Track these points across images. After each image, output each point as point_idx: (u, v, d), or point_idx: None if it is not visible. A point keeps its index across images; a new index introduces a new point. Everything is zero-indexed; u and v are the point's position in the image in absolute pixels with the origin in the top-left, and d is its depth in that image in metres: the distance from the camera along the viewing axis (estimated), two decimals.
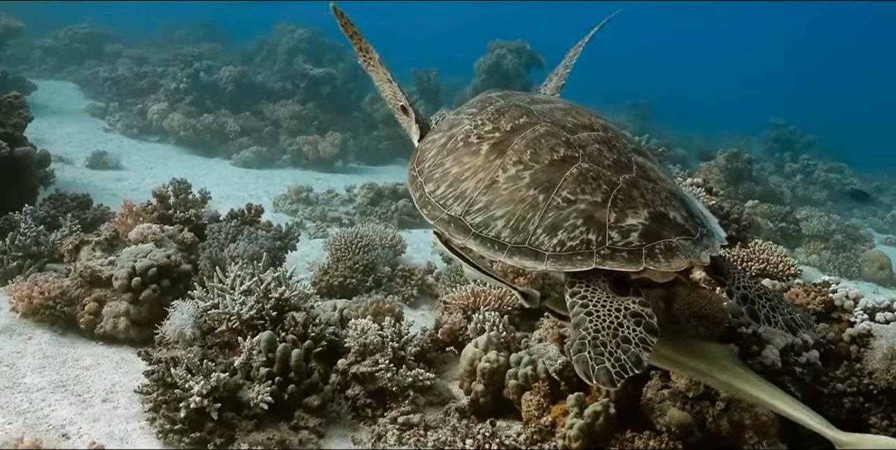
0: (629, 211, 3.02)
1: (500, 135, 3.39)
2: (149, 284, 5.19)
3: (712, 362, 3.29)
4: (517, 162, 3.22)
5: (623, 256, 2.90)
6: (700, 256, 3.01)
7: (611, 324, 2.79)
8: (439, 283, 7.44)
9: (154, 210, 6.21)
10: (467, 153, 3.41)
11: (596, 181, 3.09)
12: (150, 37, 23.09)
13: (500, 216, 3.12)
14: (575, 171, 3.12)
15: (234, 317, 4.47)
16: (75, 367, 4.80)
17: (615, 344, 2.71)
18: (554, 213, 3.03)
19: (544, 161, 3.19)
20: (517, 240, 3.05)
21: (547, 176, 3.13)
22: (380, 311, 5.19)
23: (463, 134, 3.52)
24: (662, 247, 2.95)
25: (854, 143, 25.20)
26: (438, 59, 19.01)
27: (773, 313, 3.19)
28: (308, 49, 19.09)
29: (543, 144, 3.26)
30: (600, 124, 3.49)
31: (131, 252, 5.37)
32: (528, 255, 3.00)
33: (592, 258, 2.91)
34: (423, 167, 3.58)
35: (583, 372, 2.66)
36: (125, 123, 14.99)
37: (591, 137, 3.32)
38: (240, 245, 5.78)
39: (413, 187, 3.57)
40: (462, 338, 5.22)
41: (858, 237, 11.69)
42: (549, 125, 3.37)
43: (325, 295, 6.97)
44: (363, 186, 11.14)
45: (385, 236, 8.31)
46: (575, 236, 2.96)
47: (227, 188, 11.93)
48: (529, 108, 3.54)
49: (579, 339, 2.75)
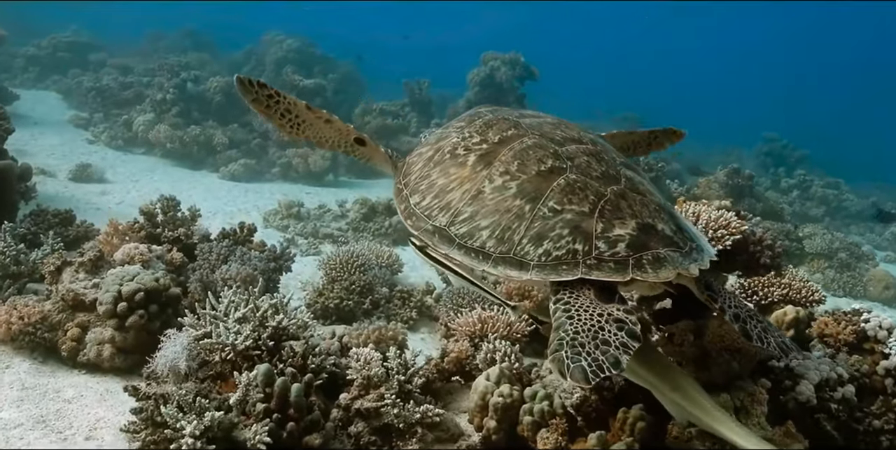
0: (617, 221, 3.00)
1: (488, 146, 3.37)
2: (135, 310, 4.87)
3: (675, 388, 3.21)
4: (504, 172, 3.20)
5: (610, 266, 2.87)
6: (689, 268, 2.98)
7: (591, 327, 2.72)
8: (439, 304, 7.15)
9: (141, 229, 5.90)
10: (454, 165, 3.40)
11: (583, 192, 3.08)
12: (136, 46, 22.73)
13: (486, 226, 3.10)
14: (562, 181, 3.11)
15: (227, 347, 4.15)
16: (56, 400, 4.46)
17: (594, 346, 2.64)
18: (540, 223, 3.01)
19: (531, 172, 3.17)
20: (502, 250, 3.01)
21: (534, 186, 3.11)
22: (382, 338, 4.89)
23: (450, 146, 3.50)
24: (650, 257, 2.91)
25: (843, 157, 25.15)
26: (430, 71, 18.78)
27: (766, 334, 3.16)
28: (297, 59, 18.87)
29: (531, 155, 3.25)
30: (589, 138, 3.48)
31: (117, 275, 5.05)
32: (512, 264, 2.97)
33: (578, 268, 2.88)
34: (409, 180, 3.55)
35: (558, 370, 2.60)
36: (110, 134, 14.65)
37: (579, 150, 3.31)
38: (232, 267, 5.47)
39: (398, 200, 3.55)
40: (469, 367, 4.93)
41: (861, 256, 11.48)
42: (537, 137, 3.35)
43: (320, 317, 6.67)
44: (356, 202, 10.84)
45: (381, 255, 8.02)
46: (561, 246, 2.93)
47: (215, 202, 11.61)
48: (518, 121, 3.52)
49: (557, 340, 2.69)
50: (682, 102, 36.43)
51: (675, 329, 3.86)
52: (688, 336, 3.82)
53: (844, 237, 12.01)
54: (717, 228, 3.70)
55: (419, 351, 4.40)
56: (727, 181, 12.13)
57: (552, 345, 2.68)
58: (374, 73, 22.92)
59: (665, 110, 30.65)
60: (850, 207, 16.51)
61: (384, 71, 24.19)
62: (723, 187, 12.15)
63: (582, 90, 30.53)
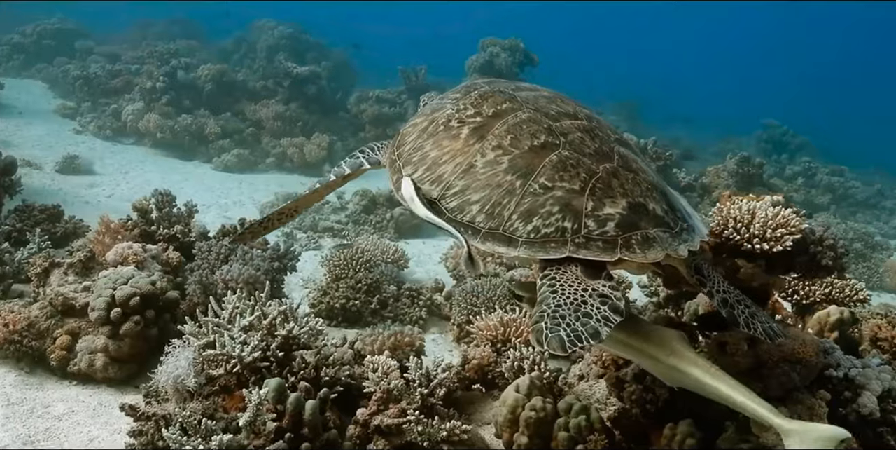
0: (607, 200, 2.97)
1: (482, 119, 3.34)
2: (131, 316, 4.50)
3: (662, 346, 3.11)
4: (496, 147, 3.18)
5: (598, 245, 2.87)
6: (678, 249, 2.96)
7: (574, 301, 2.73)
8: (450, 303, 6.79)
9: (135, 226, 5.51)
10: (447, 137, 3.37)
11: (575, 169, 3.05)
12: (123, 33, 22.11)
13: (476, 201, 3.08)
14: (554, 158, 3.08)
15: (234, 359, 3.78)
16: (45, 417, 4.09)
17: (575, 318, 2.65)
18: (530, 199, 2.99)
19: (524, 147, 3.14)
20: (491, 225, 3.01)
21: (525, 162, 3.09)
22: (398, 345, 4.52)
23: (444, 118, 3.47)
24: (639, 238, 2.90)
25: (838, 144, 24.84)
26: (426, 59, 18.28)
27: (753, 320, 3.11)
28: (290, 46, 18.39)
29: (524, 129, 3.21)
30: (584, 114, 3.43)
31: (110, 277, 4.67)
32: (501, 241, 2.96)
33: (567, 246, 2.87)
34: (403, 150, 3.52)
35: (535, 340, 2.62)
36: (98, 124, 14.18)
37: (573, 126, 3.27)
38: (233, 268, 5.09)
39: (392, 171, 3.51)
40: (492, 374, 4.58)
41: (876, 246, 11.16)
42: (531, 112, 3.31)
43: (325, 318, 6.31)
44: (356, 193, 10.44)
45: (387, 250, 7.65)
46: (550, 223, 2.92)
47: (209, 195, 11.19)
48: (513, 94, 3.47)
49: (539, 312, 2.70)
50: (680, 89, 36.09)
51: (727, 338, 3.52)
52: (741, 345, 3.48)
53: (859, 227, 11.68)
54: (776, 227, 3.34)
55: (441, 360, 4.03)
56: (737, 170, 11.78)
57: (534, 317, 2.69)
58: (369, 61, 22.42)
59: (663, 98, 30.43)
60: (856, 195, 16.16)
61: (379, 58, 23.67)
62: (732, 176, 11.81)
63: (580, 77, 30.03)
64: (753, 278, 3.47)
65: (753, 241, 3.37)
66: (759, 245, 3.36)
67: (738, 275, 3.48)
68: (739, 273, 3.48)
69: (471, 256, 3.15)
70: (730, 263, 3.49)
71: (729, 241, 3.44)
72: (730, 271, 3.49)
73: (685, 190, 11.96)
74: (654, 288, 7.12)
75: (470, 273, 3.18)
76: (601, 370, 4.38)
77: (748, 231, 3.39)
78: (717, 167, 12.51)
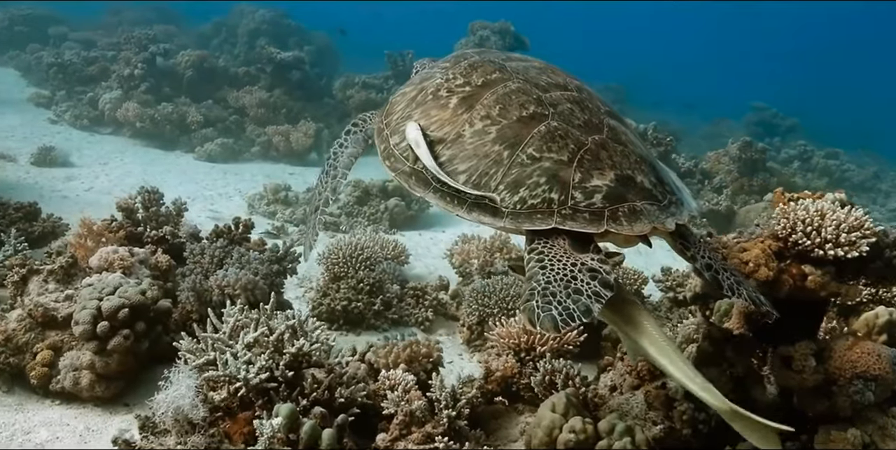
0: (595, 172, 2.92)
1: (471, 89, 3.27)
2: (119, 330, 4.08)
3: (626, 315, 2.99)
4: (485, 117, 3.12)
5: (585, 216, 2.83)
6: (665, 222, 2.91)
7: (564, 276, 2.68)
8: (455, 302, 6.42)
9: (120, 228, 5.08)
10: (435, 106, 3.30)
11: (564, 140, 2.99)
12: (98, 19, 21.40)
13: (463, 171, 3.02)
14: (543, 128, 3.02)
15: (238, 382, 3.39)
16: (27, 444, 3.68)
17: (566, 294, 2.61)
18: (518, 170, 2.94)
19: (512, 117, 3.09)
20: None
21: (514, 132, 3.03)
22: (415, 357, 4.11)
23: (433, 87, 3.39)
24: (626, 210, 2.86)
25: (826, 125, 24.63)
26: (412, 43, 17.80)
27: (738, 287, 2.99)
28: (271, 31, 17.85)
29: (513, 100, 3.15)
30: (575, 85, 3.37)
31: (95, 286, 4.24)
32: (487, 211, 2.93)
33: (553, 218, 2.84)
34: (391, 119, 3.45)
35: (528, 320, 2.57)
36: (74, 113, 13.57)
37: (563, 97, 3.22)
38: (230, 272, 4.67)
39: (379, 140, 3.45)
40: (517, 387, 4.21)
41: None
42: (521, 82, 3.25)
43: (326, 321, 5.92)
44: (348, 184, 9.98)
45: (387, 245, 7.24)
46: (537, 194, 2.87)
47: (193, 187, 10.70)
48: (504, 64, 3.41)
49: (530, 290, 2.65)
50: (667, 72, 35.73)
51: (792, 352, 3.16)
52: (809, 361, 3.12)
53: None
54: (850, 231, 2.98)
55: (467, 376, 3.65)
56: (740, 155, 11.42)
57: (524, 295, 2.65)
58: (353, 45, 21.86)
59: (650, 81, 30.07)
60: (853, 178, 15.92)
61: (363, 41, 23.12)
62: (735, 162, 11.45)
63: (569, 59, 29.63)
64: (823, 287, 3.10)
65: (826, 246, 3.01)
66: (831, 251, 3.00)
67: (805, 283, 3.11)
68: (807, 281, 3.11)
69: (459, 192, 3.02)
70: (795, 270, 3.11)
71: (796, 246, 3.07)
72: (796, 279, 3.11)
73: (685, 176, 11.62)
74: (670, 283, 6.80)
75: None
76: (635, 381, 4.03)
77: (819, 235, 3.03)
78: (717, 152, 12.17)
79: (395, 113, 3.48)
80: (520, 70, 3.37)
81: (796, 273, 3.12)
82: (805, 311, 3.33)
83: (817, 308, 3.39)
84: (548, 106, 3.13)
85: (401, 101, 3.52)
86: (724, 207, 10.69)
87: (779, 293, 3.15)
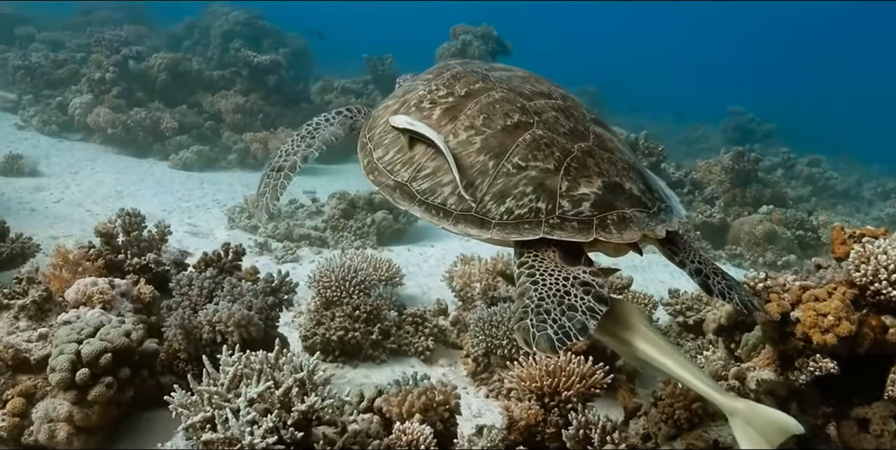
0: (582, 180, 2.87)
1: (454, 100, 3.21)
2: (101, 378, 3.66)
3: (620, 320, 2.83)
4: (469, 127, 3.05)
5: (573, 225, 2.77)
6: (655, 229, 2.84)
7: (557, 292, 2.61)
8: (456, 329, 6.05)
9: (98, 256, 4.64)
10: (419, 118, 3.21)
11: (549, 148, 2.93)
12: (66, 19, 20.71)
13: (448, 183, 2.95)
14: (528, 137, 2.96)
15: (240, 443, 2.99)
16: None
17: (560, 312, 2.53)
18: (503, 179, 2.88)
19: (497, 127, 3.02)
20: (464, 207, 2.89)
21: (498, 141, 2.97)
22: (431, 406, 3.74)
23: (416, 99, 3.33)
24: (615, 218, 2.80)
25: (806, 129, 24.64)
26: (391, 47, 17.44)
27: (730, 291, 2.97)
28: (245, 33, 17.37)
29: (497, 109, 3.09)
30: (559, 93, 3.30)
31: (73, 327, 3.82)
32: (473, 222, 2.86)
33: (541, 227, 2.77)
34: (374, 133, 3.40)
35: (523, 340, 2.48)
36: (42, 118, 13.04)
37: (548, 105, 3.15)
38: (221, 306, 4.26)
39: (362, 154, 3.39)
40: (541, 437, 3.85)
41: None
42: (505, 91, 3.19)
43: (321, 352, 5.52)
44: (332, 196, 9.57)
45: (380, 266, 6.86)
46: (524, 204, 2.82)
47: (169, 198, 10.23)
48: (487, 74, 3.36)
49: (522, 307, 2.57)
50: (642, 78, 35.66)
51: (869, 414, 2.83)
52: (889, 424, 2.80)
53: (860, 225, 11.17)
54: None
55: (496, 434, 3.28)
56: (732, 165, 11.13)
57: (517, 312, 2.56)
58: (328, 47, 21.41)
59: (625, 84, 29.95)
60: (836, 186, 15.78)
61: (338, 44, 22.68)
62: (727, 172, 11.17)
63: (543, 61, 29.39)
64: None
65: None
66: None
67: (886, 336, 2.78)
68: (888, 334, 2.78)
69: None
70: (875, 322, 2.79)
71: (877, 295, 2.75)
72: (877, 332, 2.78)
73: (674, 186, 11.36)
74: (679, 306, 6.48)
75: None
76: (672, 430, 3.71)
77: None
78: (708, 162, 11.91)
79: (377, 127, 3.41)
80: (503, 79, 3.31)
81: (876, 325, 2.79)
82: (873, 364, 3.01)
83: (886, 361, 3.07)
84: (532, 114, 3.07)
85: (383, 115, 3.43)
86: (718, 220, 10.43)
87: (859, 349, 2.82)
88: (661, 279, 8.73)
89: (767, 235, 9.84)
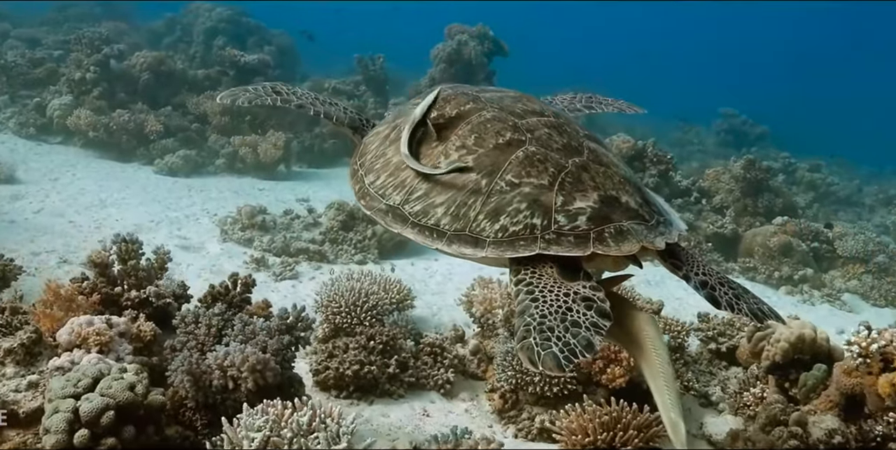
0: (577, 194, 2.85)
1: (444, 121, 3.19)
2: (103, 440, 3.20)
3: (632, 332, 2.86)
4: (460, 147, 3.04)
5: (570, 240, 2.73)
6: (654, 240, 2.81)
7: (559, 308, 2.56)
8: (476, 358, 5.64)
9: (93, 290, 4.17)
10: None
11: (543, 164, 2.92)
12: (41, 14, 19.99)
13: (440, 203, 2.94)
14: (521, 154, 2.95)
15: None
16: None
17: (563, 328, 2.48)
18: (497, 197, 2.86)
19: (489, 145, 3.01)
20: (457, 227, 2.87)
21: (491, 160, 2.96)
22: None
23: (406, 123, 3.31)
24: (612, 231, 2.77)
25: (799, 131, 24.45)
26: (381, 47, 16.96)
27: (738, 301, 2.91)
28: (229, 30, 16.87)
29: (489, 128, 3.09)
30: (551, 111, 3.31)
31: (69, 379, 3.36)
32: (467, 242, 2.83)
33: (536, 243, 2.74)
34: (365, 159, 3.39)
35: (528, 359, 2.41)
36: (19, 120, 12.41)
37: (540, 122, 3.15)
38: (232, 348, 3.81)
39: (354, 181, 3.37)
40: None
41: (894, 256, 10.35)
42: (496, 110, 3.19)
43: (333, 387, 5.10)
44: (330, 206, 9.08)
45: (390, 288, 6.41)
46: (518, 221, 2.79)
47: (156, 207, 9.68)
48: (477, 95, 3.35)
49: (524, 325, 2.52)
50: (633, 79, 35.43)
51: None
52: None
53: (880, 239, 10.84)
54: None
55: None
56: (743, 174, 10.72)
57: (519, 331, 2.51)
58: (315, 44, 20.83)
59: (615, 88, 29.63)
60: (838, 192, 15.48)
61: (325, 42, 22.08)
62: (738, 181, 10.79)
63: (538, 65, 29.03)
64: None
65: None
66: None
67: None
68: None
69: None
70: None
71: None
72: None
73: (682, 194, 11.01)
74: (711, 332, 6.13)
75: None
76: None
77: None
78: (716, 170, 11.53)
79: (368, 153, 3.40)
80: (494, 100, 3.30)
81: None
82: None
83: None
84: (524, 132, 3.06)
85: (374, 141, 3.45)
86: (730, 231, 10.08)
87: None
88: (676, 296, 8.36)
89: (782, 248, 9.49)
